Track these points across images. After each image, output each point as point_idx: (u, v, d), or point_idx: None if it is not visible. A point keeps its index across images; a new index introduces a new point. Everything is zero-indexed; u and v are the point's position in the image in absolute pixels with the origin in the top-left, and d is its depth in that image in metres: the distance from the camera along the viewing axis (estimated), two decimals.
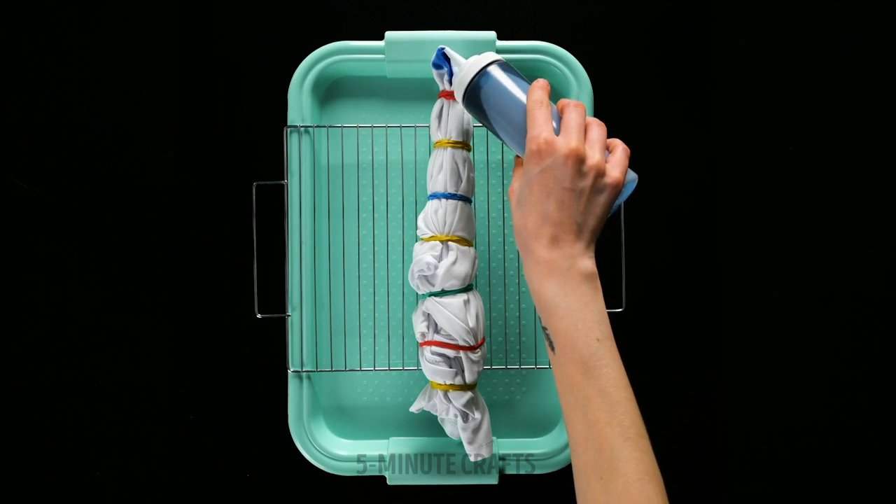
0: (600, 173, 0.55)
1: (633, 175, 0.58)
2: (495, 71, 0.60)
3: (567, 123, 0.56)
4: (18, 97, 0.74)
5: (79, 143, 0.74)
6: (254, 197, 0.71)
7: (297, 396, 0.70)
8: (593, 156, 0.55)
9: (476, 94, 0.60)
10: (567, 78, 0.70)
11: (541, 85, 0.58)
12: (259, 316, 0.70)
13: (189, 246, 0.74)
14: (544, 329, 0.56)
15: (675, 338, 0.74)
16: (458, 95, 0.62)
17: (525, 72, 0.72)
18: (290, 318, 0.70)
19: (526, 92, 0.59)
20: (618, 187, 0.55)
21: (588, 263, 0.55)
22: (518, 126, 0.58)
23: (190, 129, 0.74)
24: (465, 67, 0.61)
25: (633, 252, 0.71)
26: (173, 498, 0.73)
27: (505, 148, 0.72)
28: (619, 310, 0.69)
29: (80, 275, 0.73)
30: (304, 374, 0.70)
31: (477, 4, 0.75)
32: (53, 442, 0.73)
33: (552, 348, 0.55)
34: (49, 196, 0.73)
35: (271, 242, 0.71)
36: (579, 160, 0.54)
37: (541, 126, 0.55)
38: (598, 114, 0.71)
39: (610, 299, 0.70)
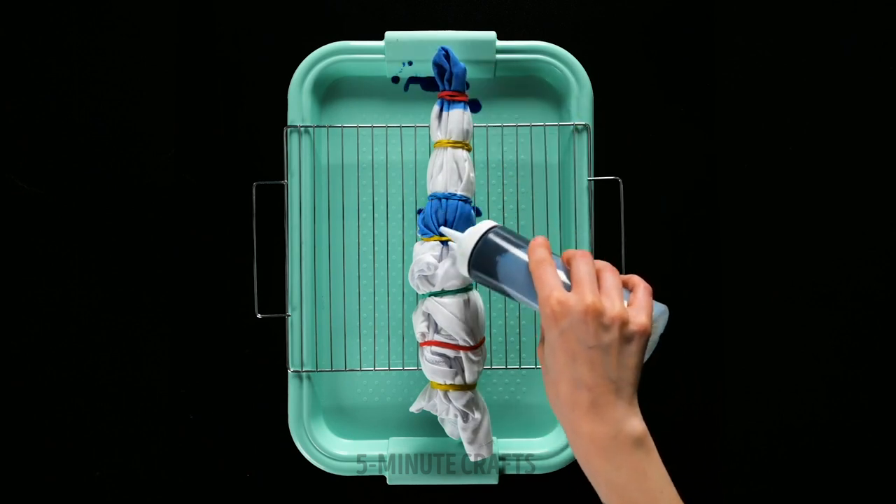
0: (624, 322, 0.50)
1: (661, 308, 0.54)
2: (493, 237, 0.58)
3: (577, 277, 0.52)
4: (18, 97, 0.74)
5: (79, 143, 0.74)
6: (254, 197, 0.71)
7: (297, 396, 0.70)
8: (612, 306, 0.50)
9: (480, 263, 0.58)
10: (567, 78, 0.70)
11: (540, 242, 0.55)
12: (259, 316, 0.70)
13: (189, 246, 0.74)
14: None
15: (675, 338, 0.74)
16: (462, 268, 0.59)
17: (525, 72, 0.72)
18: (290, 318, 0.70)
19: (526, 251, 0.56)
20: (646, 332, 0.51)
21: (636, 424, 0.50)
22: (526, 287, 0.55)
23: (190, 129, 0.74)
24: (464, 240, 0.59)
25: (633, 252, 0.71)
26: (173, 498, 0.73)
27: (505, 148, 0.72)
28: None
29: (80, 275, 0.73)
30: (304, 374, 0.70)
31: (477, 4, 0.75)
32: (53, 442, 0.73)
33: None
34: (49, 196, 0.73)
35: (271, 242, 0.71)
36: (598, 314, 0.50)
37: (549, 286, 0.52)
38: (598, 114, 0.71)
39: None
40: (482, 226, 0.59)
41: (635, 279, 0.54)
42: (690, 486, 0.74)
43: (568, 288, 0.52)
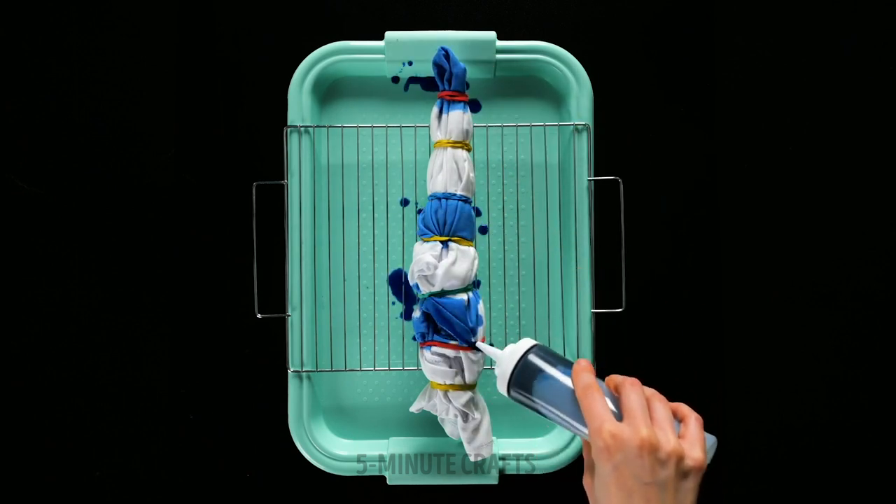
0: (681, 457, 0.49)
1: (712, 440, 0.53)
2: (535, 358, 0.57)
3: (630, 409, 0.51)
4: (18, 97, 0.74)
5: (79, 143, 0.74)
6: (254, 197, 0.71)
7: (297, 396, 0.70)
8: (668, 441, 0.49)
9: (521, 383, 0.57)
10: (567, 78, 0.70)
11: (584, 367, 0.54)
12: (259, 316, 0.70)
13: (189, 246, 0.74)
14: None
15: (675, 338, 0.74)
16: (502, 388, 0.58)
17: (525, 72, 0.72)
18: (290, 318, 0.70)
19: (569, 374, 0.55)
20: (702, 468, 0.50)
21: None
22: (571, 412, 0.55)
23: (190, 129, 0.74)
24: (505, 359, 0.58)
25: (633, 252, 0.71)
26: (173, 498, 0.73)
27: (505, 148, 0.72)
28: (619, 310, 0.69)
29: (80, 275, 0.73)
30: (304, 374, 0.70)
31: (477, 4, 0.75)
32: (53, 442, 0.73)
33: None
34: (49, 196, 0.73)
35: (271, 242, 0.71)
36: (654, 450, 0.49)
37: (600, 417, 0.50)
38: (598, 114, 0.71)
39: (610, 299, 0.71)
40: (522, 345, 0.58)
41: (685, 409, 0.53)
42: None
43: (618, 417, 0.51)
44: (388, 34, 0.70)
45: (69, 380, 0.73)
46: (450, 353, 0.64)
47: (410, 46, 0.70)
